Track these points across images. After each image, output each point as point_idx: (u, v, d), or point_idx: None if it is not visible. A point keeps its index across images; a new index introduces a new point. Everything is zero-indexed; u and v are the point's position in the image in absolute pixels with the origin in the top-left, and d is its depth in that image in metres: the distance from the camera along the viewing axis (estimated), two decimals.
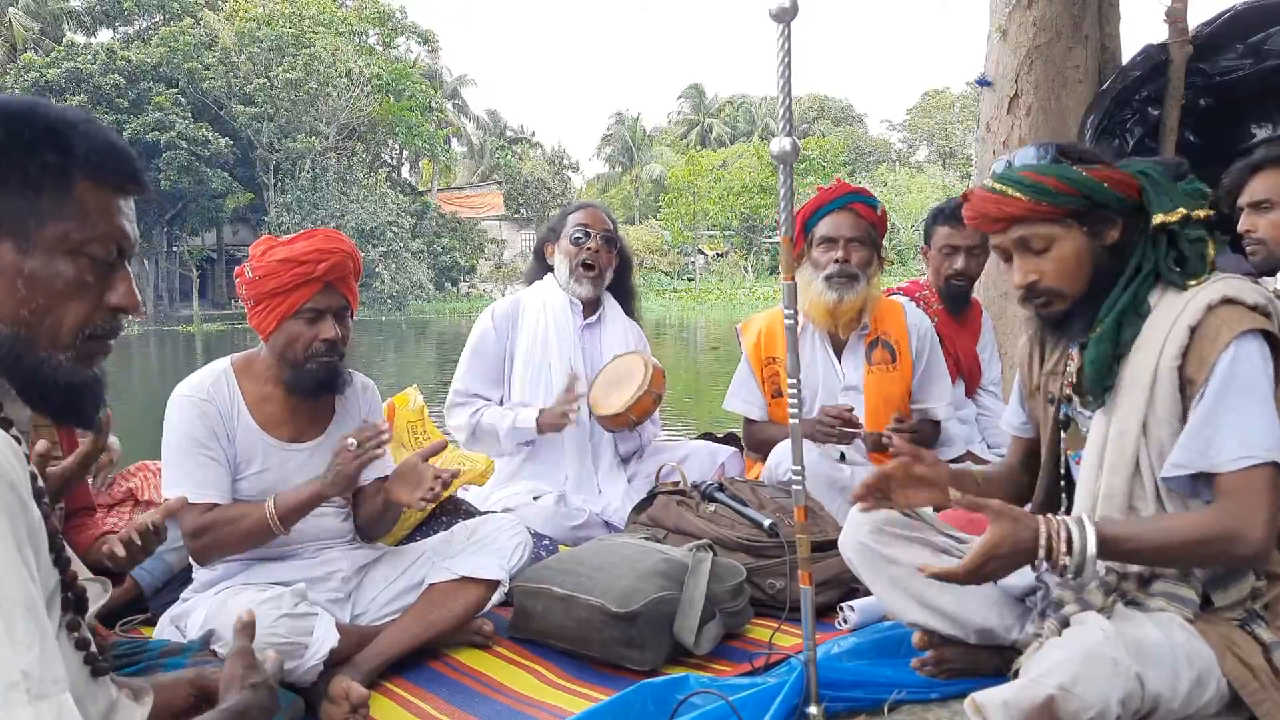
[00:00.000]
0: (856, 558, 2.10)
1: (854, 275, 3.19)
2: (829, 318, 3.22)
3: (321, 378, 2.33)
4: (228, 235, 39.58)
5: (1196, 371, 1.72)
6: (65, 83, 32.22)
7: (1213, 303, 1.73)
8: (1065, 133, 4.12)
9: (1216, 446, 1.67)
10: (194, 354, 23.47)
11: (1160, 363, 1.75)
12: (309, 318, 2.28)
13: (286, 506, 2.25)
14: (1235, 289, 1.75)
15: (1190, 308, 1.75)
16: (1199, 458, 1.69)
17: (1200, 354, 1.71)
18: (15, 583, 0.97)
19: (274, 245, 2.31)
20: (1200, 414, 1.70)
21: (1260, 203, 2.76)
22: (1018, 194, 1.79)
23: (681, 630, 2.38)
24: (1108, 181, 1.77)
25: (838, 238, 3.18)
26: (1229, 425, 1.67)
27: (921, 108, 62.52)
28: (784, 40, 1.78)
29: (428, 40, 45.01)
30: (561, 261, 3.53)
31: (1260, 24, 3.89)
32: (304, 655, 2.10)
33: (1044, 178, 1.78)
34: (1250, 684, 1.66)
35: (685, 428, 8.68)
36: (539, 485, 3.38)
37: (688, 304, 37.71)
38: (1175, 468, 1.72)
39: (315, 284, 2.26)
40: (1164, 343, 1.75)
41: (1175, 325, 1.75)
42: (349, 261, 2.32)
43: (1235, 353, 1.68)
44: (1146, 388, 1.76)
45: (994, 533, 1.66)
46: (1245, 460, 1.65)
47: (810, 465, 2.21)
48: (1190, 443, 1.70)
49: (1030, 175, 1.79)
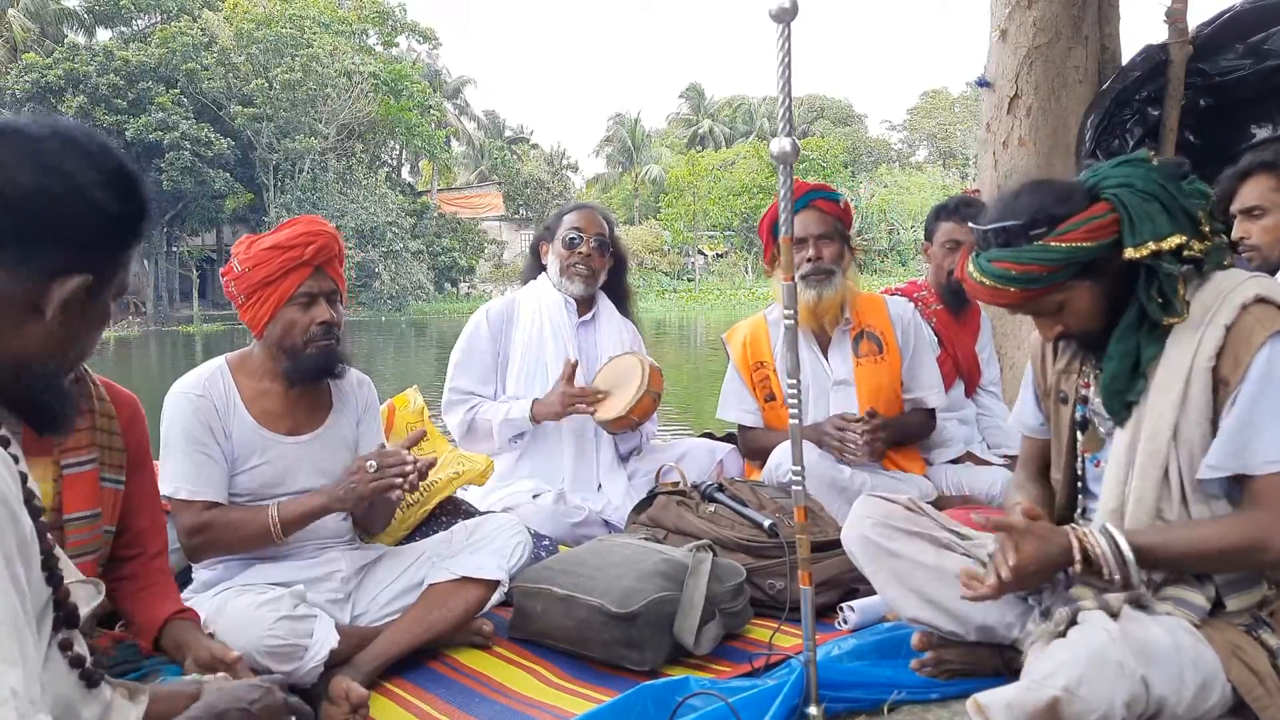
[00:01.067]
0: (859, 550, 2.10)
1: (829, 271, 3.20)
2: (811, 316, 3.23)
3: (321, 362, 2.35)
4: (227, 236, 39.51)
5: (1231, 371, 1.70)
6: (64, 84, 32.20)
7: (1247, 301, 1.72)
8: (1065, 133, 4.11)
9: (1253, 449, 1.67)
10: (194, 354, 23.47)
11: (1195, 363, 1.74)
12: (303, 303, 2.31)
13: (290, 516, 2.25)
14: (1268, 287, 1.74)
15: (1225, 306, 1.73)
16: (1234, 460, 1.69)
17: (1235, 353, 1.70)
18: (2, 600, 0.98)
19: (258, 238, 2.36)
20: (1236, 415, 1.69)
21: (1251, 209, 2.76)
22: (1007, 287, 1.76)
23: (681, 631, 2.38)
24: (1086, 239, 1.73)
25: (806, 237, 3.19)
26: (1265, 428, 1.66)
27: (921, 108, 62.53)
28: (784, 40, 1.78)
29: (428, 39, 44.98)
30: (553, 262, 3.55)
31: (1260, 24, 3.89)
32: (303, 658, 2.10)
33: (1028, 266, 1.74)
34: (1255, 689, 1.66)
35: (685, 427, 8.68)
36: (538, 483, 3.38)
37: (688, 304, 37.72)
38: (1211, 469, 1.71)
39: (305, 268, 2.29)
40: (1199, 342, 1.74)
41: (1210, 324, 1.73)
42: (334, 244, 2.35)
43: (1270, 353, 1.68)
44: (1180, 389, 1.75)
45: (1023, 552, 1.69)
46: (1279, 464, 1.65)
47: (810, 466, 2.21)
48: (1227, 444, 1.70)
49: (1013, 267, 1.74)
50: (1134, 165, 1.79)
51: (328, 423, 2.44)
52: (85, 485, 1.85)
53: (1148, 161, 1.80)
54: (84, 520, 1.84)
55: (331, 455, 2.41)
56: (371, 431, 2.56)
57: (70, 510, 1.82)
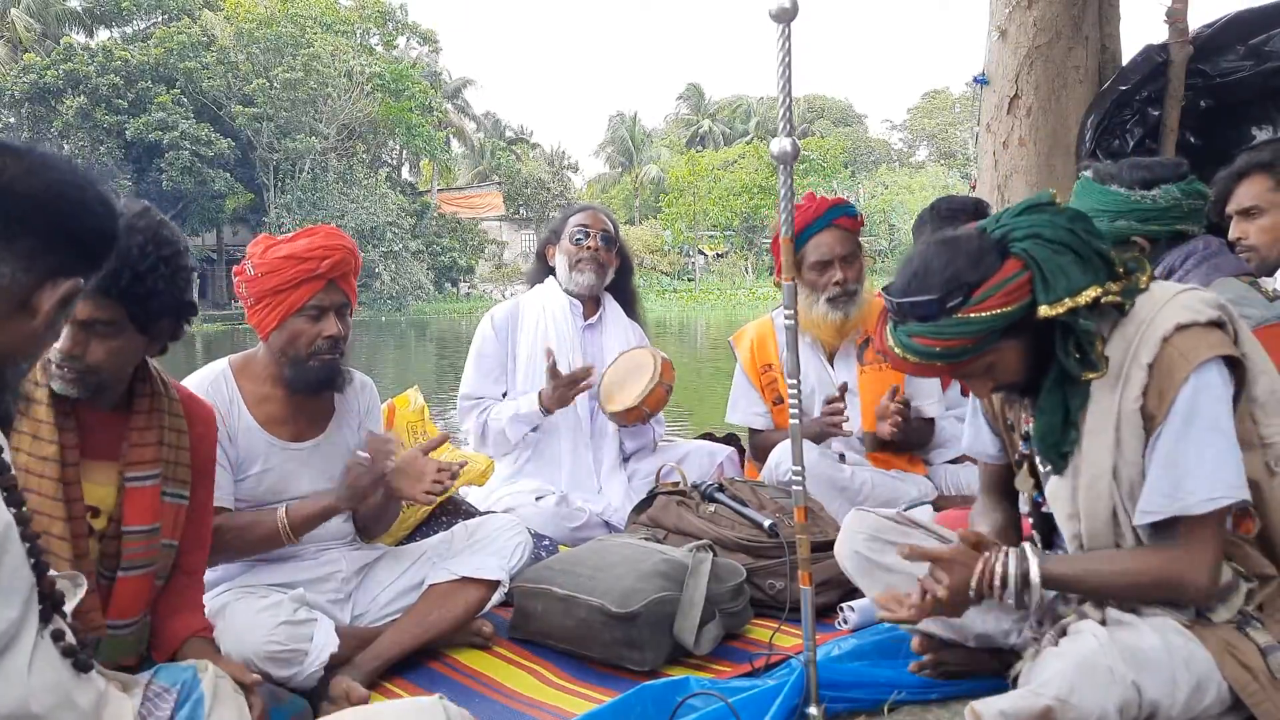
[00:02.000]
0: (853, 566, 2.11)
1: (853, 291, 3.20)
2: (837, 335, 3.24)
3: (323, 375, 2.33)
4: (228, 236, 39.52)
5: (1157, 407, 1.67)
6: (64, 84, 32.19)
7: (1167, 334, 1.67)
8: (1065, 133, 4.11)
9: (1186, 489, 1.64)
10: (194, 354, 23.44)
11: (1122, 405, 1.70)
12: (312, 315, 2.28)
13: (299, 518, 2.25)
14: (1188, 309, 1.69)
15: (1146, 344, 1.68)
16: (1169, 502, 1.66)
17: (1159, 389, 1.67)
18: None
19: (275, 243, 2.31)
20: (1164, 454, 1.66)
21: (1248, 209, 2.74)
22: (933, 363, 1.74)
23: (681, 631, 2.38)
24: (1003, 304, 1.67)
25: (832, 259, 3.17)
26: (1196, 466, 1.63)
27: (922, 108, 62.55)
28: (784, 41, 1.78)
29: (428, 39, 44.98)
30: (561, 260, 3.55)
31: (1261, 26, 3.89)
32: (303, 662, 2.10)
33: (949, 341, 1.69)
34: (1250, 685, 1.66)
35: (686, 428, 8.68)
36: (541, 485, 3.38)
37: (688, 304, 37.73)
38: (1145, 515, 1.69)
39: (318, 281, 2.26)
40: (1123, 383, 1.70)
41: (1134, 363, 1.69)
42: (350, 259, 2.32)
43: (1195, 385, 1.64)
44: (1112, 434, 1.71)
45: (950, 581, 1.73)
46: (1216, 502, 1.63)
47: (810, 465, 2.20)
48: (1158, 485, 1.67)
49: (935, 344, 1.70)
50: (1039, 212, 1.73)
51: (330, 429, 2.43)
52: (147, 499, 1.82)
53: (1053, 204, 1.75)
54: (142, 535, 1.81)
55: (333, 462, 2.39)
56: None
57: (130, 523, 1.79)
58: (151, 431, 1.85)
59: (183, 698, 1.60)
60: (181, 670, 1.65)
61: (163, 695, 1.61)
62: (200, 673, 1.64)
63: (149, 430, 1.84)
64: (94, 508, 1.78)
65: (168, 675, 1.64)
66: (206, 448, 1.99)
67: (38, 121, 32.94)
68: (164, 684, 1.61)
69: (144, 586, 1.82)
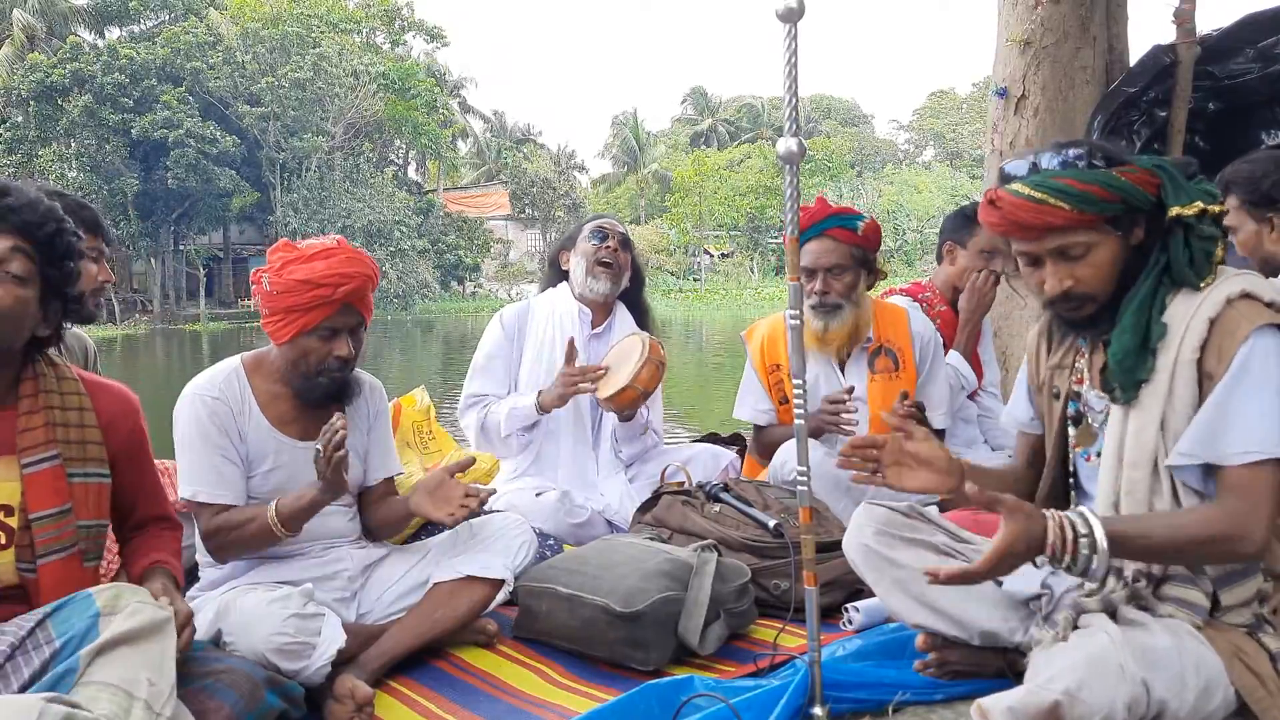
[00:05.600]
0: (860, 560, 2.10)
1: (836, 305, 3.15)
2: (818, 343, 3.20)
3: (330, 390, 2.35)
4: (234, 234, 39.61)
5: (1215, 365, 1.71)
6: (70, 83, 32.26)
7: (1232, 296, 1.72)
8: (1072, 134, 4.10)
9: (1225, 439, 1.67)
10: (200, 353, 23.53)
11: (1179, 356, 1.74)
12: (325, 335, 2.29)
13: (287, 512, 2.24)
14: (1253, 284, 1.74)
15: (1209, 301, 1.74)
16: (1205, 448, 1.69)
17: (1219, 347, 1.71)
18: None
19: (292, 260, 2.28)
20: (1211, 405, 1.69)
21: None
22: (1061, 203, 1.73)
23: (686, 631, 2.38)
24: (1138, 182, 1.75)
25: (816, 269, 3.15)
26: (1238, 418, 1.66)
27: (928, 108, 62.49)
28: (790, 41, 1.78)
29: (435, 37, 44.95)
30: (579, 262, 3.54)
31: (1271, 29, 3.88)
32: (311, 656, 2.09)
33: (1089, 186, 1.72)
34: (1257, 691, 1.66)
35: (690, 430, 8.67)
36: (541, 482, 3.38)
37: (693, 304, 37.73)
38: (1181, 456, 1.71)
39: (333, 305, 2.27)
40: (1183, 335, 1.74)
41: (1195, 317, 1.74)
42: (368, 284, 2.32)
43: (1252, 346, 1.68)
44: (1165, 382, 1.75)
45: (1009, 529, 1.63)
46: (1251, 455, 1.65)
47: (815, 465, 2.20)
48: (1198, 432, 1.70)
49: (1074, 184, 1.72)
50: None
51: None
52: (48, 480, 1.80)
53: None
54: (50, 518, 1.79)
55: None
56: (382, 438, 2.57)
57: (36, 509, 1.78)
58: (38, 414, 1.82)
59: (67, 650, 1.60)
60: (82, 613, 1.65)
61: (41, 647, 1.62)
62: (104, 614, 1.63)
63: (35, 414, 1.82)
64: (6, 505, 1.77)
65: (62, 624, 1.65)
66: (127, 428, 1.98)
67: (44, 120, 33.03)
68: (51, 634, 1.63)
69: (71, 569, 1.80)
